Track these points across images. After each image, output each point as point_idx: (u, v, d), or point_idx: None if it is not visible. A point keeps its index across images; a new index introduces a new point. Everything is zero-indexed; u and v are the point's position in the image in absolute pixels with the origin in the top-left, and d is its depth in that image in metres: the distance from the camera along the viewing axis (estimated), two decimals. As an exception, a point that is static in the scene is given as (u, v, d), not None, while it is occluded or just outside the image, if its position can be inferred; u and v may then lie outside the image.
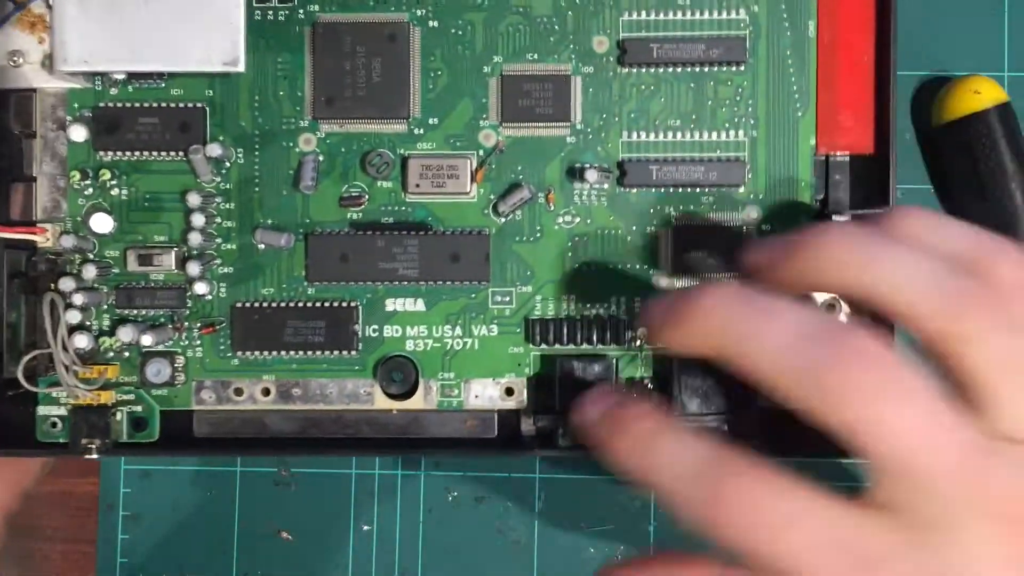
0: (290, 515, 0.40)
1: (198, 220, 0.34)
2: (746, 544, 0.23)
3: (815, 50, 0.34)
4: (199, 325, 0.35)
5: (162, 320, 0.35)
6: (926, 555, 0.22)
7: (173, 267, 0.34)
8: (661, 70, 0.34)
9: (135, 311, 0.35)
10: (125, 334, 0.34)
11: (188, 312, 0.35)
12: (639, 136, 0.34)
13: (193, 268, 0.34)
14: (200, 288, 0.34)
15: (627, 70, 0.34)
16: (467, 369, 0.35)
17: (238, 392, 0.35)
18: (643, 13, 0.34)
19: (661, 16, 0.34)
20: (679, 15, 0.34)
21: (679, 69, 0.34)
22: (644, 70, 0.34)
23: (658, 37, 0.34)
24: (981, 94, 0.40)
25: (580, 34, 0.34)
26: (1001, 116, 0.40)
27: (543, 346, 0.34)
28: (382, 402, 0.35)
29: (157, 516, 0.40)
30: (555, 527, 0.40)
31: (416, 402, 0.35)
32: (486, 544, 0.38)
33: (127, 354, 0.35)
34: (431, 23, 0.35)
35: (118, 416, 0.35)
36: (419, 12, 0.35)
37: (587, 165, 0.34)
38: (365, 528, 0.40)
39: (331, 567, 0.38)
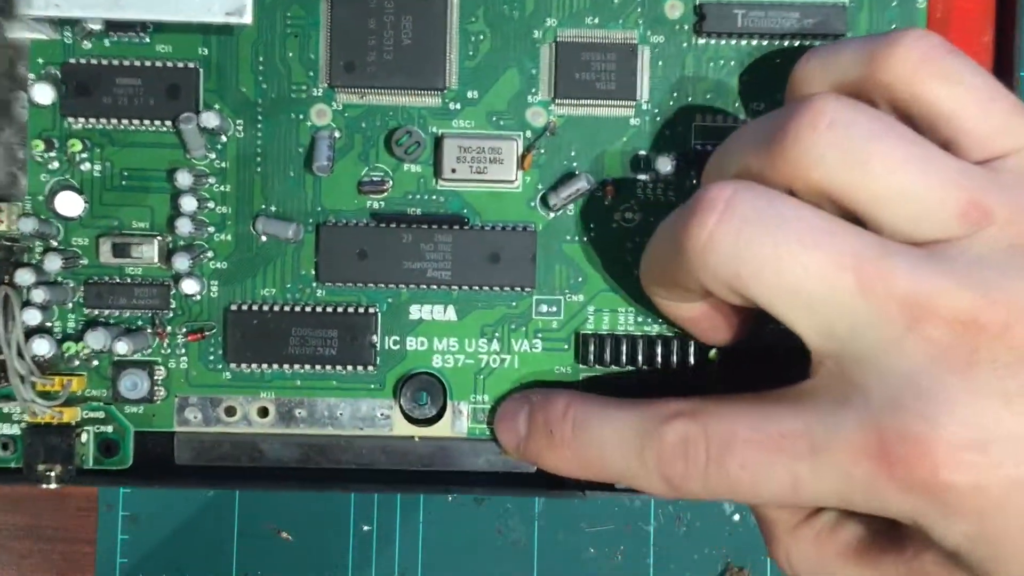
0: (290, 515, 0.39)
1: (188, 204, 0.28)
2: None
3: (925, 24, 0.29)
4: (184, 331, 0.29)
5: (140, 324, 0.29)
6: None
7: (155, 260, 0.29)
8: (744, 42, 0.29)
9: (107, 312, 0.29)
10: (95, 339, 0.28)
11: (172, 315, 0.29)
12: (714, 120, 0.29)
13: (180, 262, 0.28)
14: (188, 286, 0.28)
15: (704, 41, 0.29)
16: (505, 391, 0.29)
17: (230, 412, 0.29)
18: (726, -26, 0.29)
19: (747, -22, 0.29)
20: (768, -22, 0.29)
21: (766, 42, 0.29)
22: (725, 41, 0.29)
23: (743, 2, 0.29)
24: None
25: (650, -3, 0.29)
26: None
27: (596, 367, 0.29)
28: (403, 427, 0.29)
29: (157, 516, 0.39)
30: (555, 527, 0.39)
31: (443, 428, 0.29)
32: (486, 544, 0.38)
33: (96, 363, 0.29)
34: (473, -22, 0.29)
35: (83, 438, 0.29)
36: (459, -36, 0.29)
37: (656, 153, 0.29)
38: (365, 528, 0.40)
39: (331, 567, 0.38)
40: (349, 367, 0.29)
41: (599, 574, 0.39)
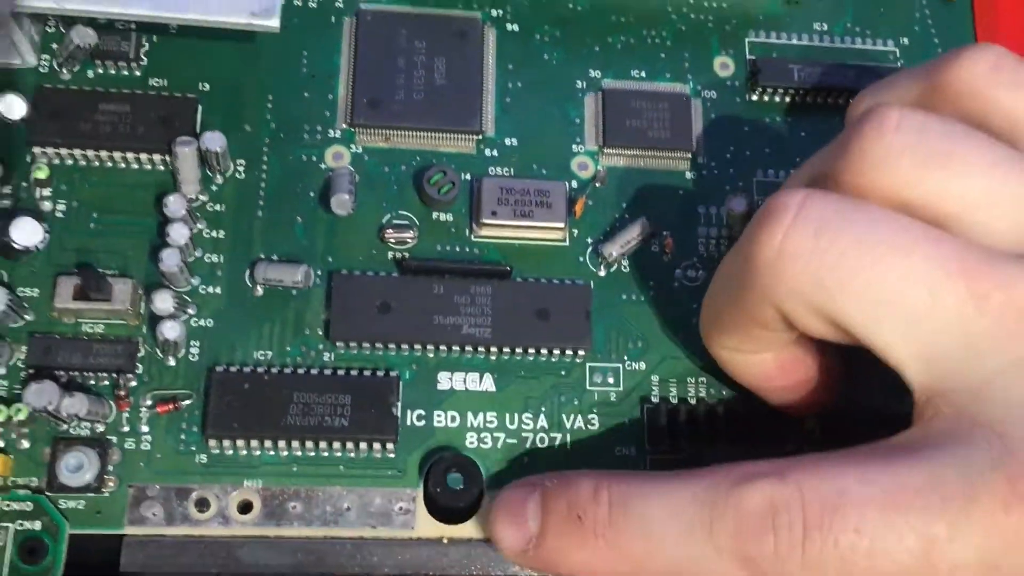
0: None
1: (179, 233, 0.23)
2: None
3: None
4: (150, 402, 0.23)
5: (95, 389, 0.23)
6: None
7: (127, 304, 0.23)
8: (800, 98, 0.27)
9: (58, 373, 0.23)
10: (36, 395, 0.21)
11: (138, 381, 0.23)
12: (777, 176, 0.26)
13: (162, 300, 0.23)
14: (169, 330, 0.22)
15: (759, 95, 0.27)
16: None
17: (202, 506, 0.22)
18: (772, 35, 0.28)
19: (796, 38, 0.28)
20: (815, 41, 0.28)
21: (820, 99, 0.27)
22: (780, 99, 0.27)
23: (796, 60, 0.27)
24: None
25: (699, 53, 0.27)
26: None
27: (663, 450, 0.24)
28: (427, 526, 0.23)
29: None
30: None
31: (480, 526, 0.23)
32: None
33: (27, 445, 0.22)
34: (509, 26, 0.27)
35: (1, 538, 0.22)
36: (494, 12, 0.27)
37: (728, 195, 0.26)
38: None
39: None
40: (363, 444, 0.23)
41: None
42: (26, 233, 0.23)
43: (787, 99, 0.27)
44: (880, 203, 0.19)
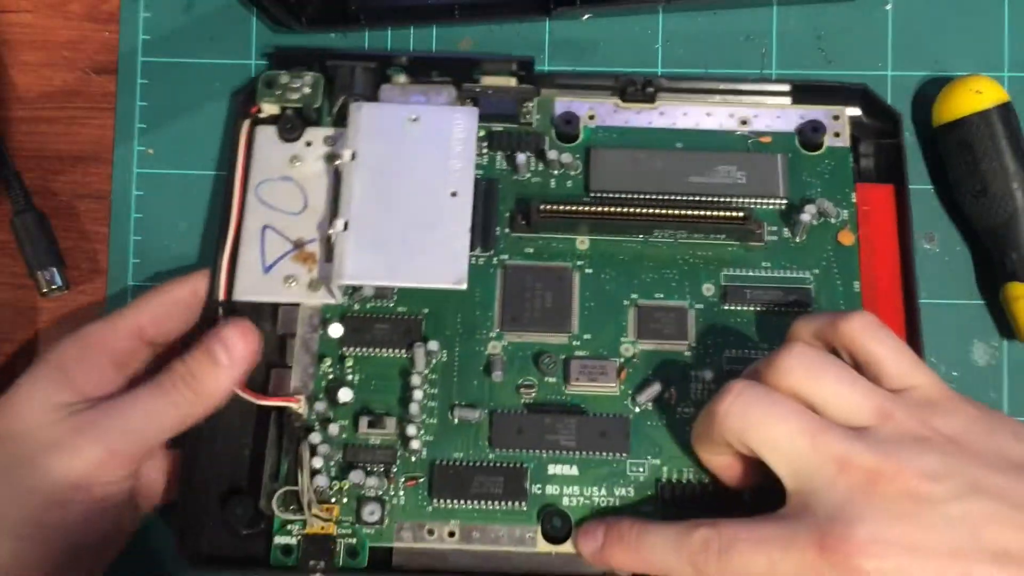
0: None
1: (417, 396, 0.46)
2: None
3: (861, 302, 0.48)
4: (403, 479, 0.46)
5: (377, 472, 0.46)
6: None
7: (393, 431, 0.46)
8: (751, 308, 0.48)
9: (359, 463, 0.46)
10: (356, 476, 0.45)
11: (396, 468, 0.46)
12: (741, 353, 0.48)
13: (409, 430, 0.45)
14: (414, 444, 0.45)
15: (728, 307, 0.48)
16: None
17: (430, 532, 0.45)
18: (740, 270, 0.49)
19: (751, 272, 0.49)
20: (763, 272, 0.49)
21: (763, 309, 0.48)
22: (741, 308, 0.48)
23: (750, 285, 0.48)
24: (982, 94, 0.40)
25: (694, 282, 0.49)
26: (1002, 116, 0.40)
27: (673, 508, 0.45)
28: (542, 545, 0.45)
29: None
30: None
31: (568, 546, 0.45)
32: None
33: (346, 500, 0.45)
34: (587, 271, 0.49)
35: (337, 546, 0.45)
36: (579, 262, 0.49)
37: (701, 369, 0.47)
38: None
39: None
40: (510, 503, 0.45)
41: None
42: (345, 395, 0.46)
43: (746, 308, 0.48)
44: (784, 392, 0.40)
